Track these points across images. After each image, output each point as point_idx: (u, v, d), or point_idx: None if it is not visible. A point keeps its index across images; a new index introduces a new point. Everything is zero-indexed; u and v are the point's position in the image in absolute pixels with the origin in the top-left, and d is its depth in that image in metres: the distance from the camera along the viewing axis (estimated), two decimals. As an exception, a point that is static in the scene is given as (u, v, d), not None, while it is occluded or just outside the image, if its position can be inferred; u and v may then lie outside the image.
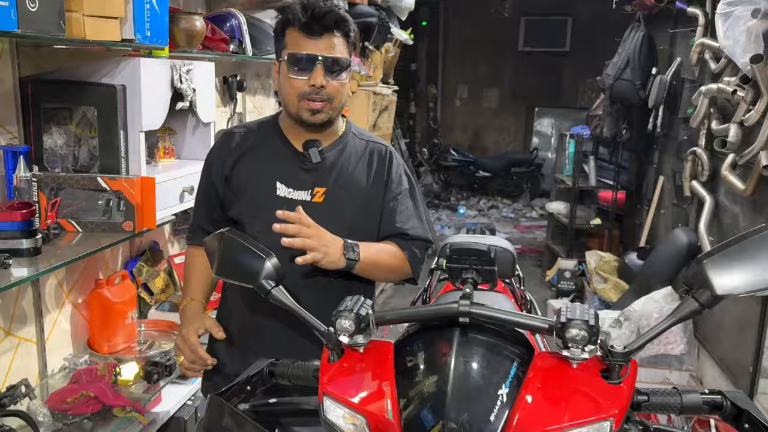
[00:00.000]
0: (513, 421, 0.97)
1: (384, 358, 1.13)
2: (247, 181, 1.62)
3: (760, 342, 2.95)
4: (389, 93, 4.66)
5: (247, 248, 1.30)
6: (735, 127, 3.16)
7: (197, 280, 1.72)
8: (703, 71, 3.67)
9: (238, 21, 2.72)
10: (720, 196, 3.55)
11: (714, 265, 1.03)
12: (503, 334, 1.16)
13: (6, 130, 1.95)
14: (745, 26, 2.96)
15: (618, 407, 0.98)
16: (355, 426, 1.05)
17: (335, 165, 1.62)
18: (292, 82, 1.50)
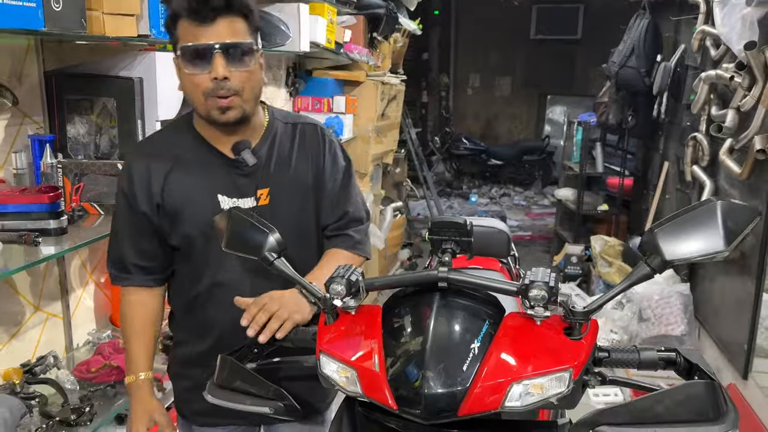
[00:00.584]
0: (483, 371, 1.03)
1: (373, 319, 1.18)
2: (184, 201, 1.45)
3: (754, 323, 3.02)
4: (398, 83, 4.68)
5: (253, 224, 1.30)
6: (732, 112, 3.20)
7: (143, 341, 1.55)
8: (705, 58, 3.68)
9: None
10: (720, 181, 3.58)
11: (664, 234, 1.08)
12: (477, 298, 1.21)
13: (33, 121, 2.01)
14: (740, 14, 3.01)
15: (577, 360, 1.04)
16: (347, 378, 1.11)
17: (271, 160, 1.50)
18: (192, 79, 1.33)
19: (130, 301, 1.56)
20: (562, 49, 8.98)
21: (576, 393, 1.04)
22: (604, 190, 5.68)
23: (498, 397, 1.01)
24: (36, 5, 1.52)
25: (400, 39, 4.74)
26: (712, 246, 1.05)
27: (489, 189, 9.13)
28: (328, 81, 3.99)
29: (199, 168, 1.46)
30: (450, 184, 9.15)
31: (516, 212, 8.08)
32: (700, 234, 1.08)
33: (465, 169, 9.36)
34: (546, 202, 8.41)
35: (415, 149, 6.38)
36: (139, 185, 1.45)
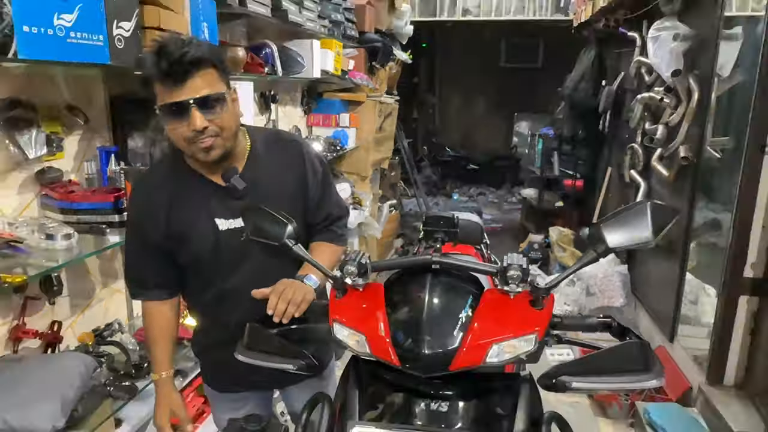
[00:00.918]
0: (469, 335, 1.06)
1: (377, 294, 1.18)
2: (187, 228, 1.39)
3: (679, 297, 3.05)
4: (392, 102, 4.70)
5: (274, 217, 1.26)
6: (662, 127, 3.23)
7: (164, 344, 1.50)
8: (640, 83, 3.69)
9: (271, 49, 2.76)
10: (652, 182, 3.58)
11: (607, 226, 1.12)
12: (463, 278, 1.24)
13: (101, 136, 2.03)
14: (668, 47, 3.04)
15: (540, 325, 1.09)
16: (357, 341, 1.12)
17: (258, 180, 1.40)
18: (176, 132, 1.25)
19: (150, 312, 1.51)
20: (526, 75, 8.95)
21: (539, 351, 1.09)
22: (561, 189, 5.68)
23: (481, 355, 1.05)
24: (104, 44, 1.54)
25: (394, 67, 4.77)
26: (643, 237, 1.10)
27: (468, 189, 9.12)
28: (336, 101, 4.00)
29: (196, 198, 1.38)
30: (436, 185, 9.14)
31: (490, 208, 8.09)
32: (634, 227, 1.11)
33: (448, 172, 9.33)
34: (514, 199, 8.41)
35: (407, 156, 6.38)
36: (146, 217, 1.39)
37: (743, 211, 2.45)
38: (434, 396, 1.11)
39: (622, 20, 4.05)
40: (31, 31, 1.33)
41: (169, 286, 1.50)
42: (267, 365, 1.20)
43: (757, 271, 2.48)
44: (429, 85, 9.87)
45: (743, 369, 2.59)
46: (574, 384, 1.03)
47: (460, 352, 1.05)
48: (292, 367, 1.17)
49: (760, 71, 2.32)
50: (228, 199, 1.38)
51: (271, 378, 1.54)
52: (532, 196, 5.79)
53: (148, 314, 1.51)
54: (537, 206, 5.62)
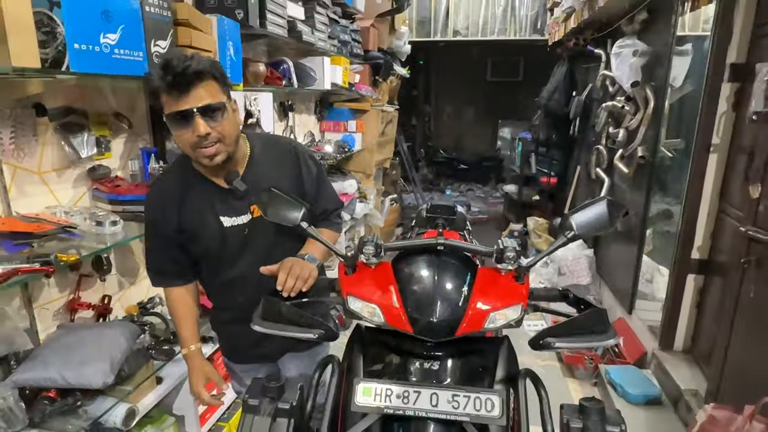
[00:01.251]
0: (470, 306, 1.07)
1: (386, 271, 1.15)
2: (197, 225, 1.35)
3: (636, 276, 3.05)
4: (392, 110, 4.68)
5: (289, 200, 1.22)
6: (623, 131, 3.21)
7: (188, 323, 1.46)
8: (605, 93, 3.67)
9: (288, 65, 2.74)
10: (614, 179, 3.56)
11: (574, 217, 1.16)
12: (460, 257, 1.23)
13: (143, 139, 2.03)
14: (629, 62, 3.02)
15: (524, 297, 1.10)
16: (370, 313, 1.09)
17: (257, 182, 1.34)
18: (181, 138, 1.22)
19: (172, 298, 1.47)
20: (509, 87, 8.89)
21: (522, 318, 1.10)
22: (537, 185, 5.61)
23: (481, 323, 1.06)
24: (143, 59, 1.54)
25: (394, 80, 4.74)
26: (603, 225, 1.14)
27: (459, 185, 9.06)
28: (344, 110, 3.99)
29: (203, 199, 1.34)
30: (432, 182, 9.10)
31: (477, 201, 8.05)
32: (596, 218, 1.15)
33: (442, 171, 9.28)
34: (498, 194, 8.34)
35: (406, 158, 6.36)
36: (161, 215, 1.35)
37: (691, 201, 2.43)
38: (426, 357, 1.11)
39: (589, 39, 4.02)
40: (81, 48, 1.34)
41: (185, 274, 1.46)
42: (288, 335, 1.14)
43: (703, 253, 2.47)
44: (426, 97, 9.79)
45: (690, 336, 2.59)
46: (556, 344, 1.06)
47: (464, 321, 1.05)
48: (313, 336, 1.11)
49: (706, 82, 2.30)
50: (231, 200, 1.35)
51: (274, 350, 1.55)
52: (513, 191, 5.75)
53: (170, 299, 1.48)
54: (517, 200, 5.58)
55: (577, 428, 0.98)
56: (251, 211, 1.36)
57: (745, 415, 1.59)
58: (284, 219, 1.22)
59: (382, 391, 1.01)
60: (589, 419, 0.99)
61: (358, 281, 1.15)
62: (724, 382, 2.01)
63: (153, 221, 1.38)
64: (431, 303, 1.06)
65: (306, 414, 1.12)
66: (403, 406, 0.99)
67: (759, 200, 1.84)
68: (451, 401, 0.99)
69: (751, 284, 1.87)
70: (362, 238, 1.17)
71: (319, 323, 1.11)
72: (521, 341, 1.21)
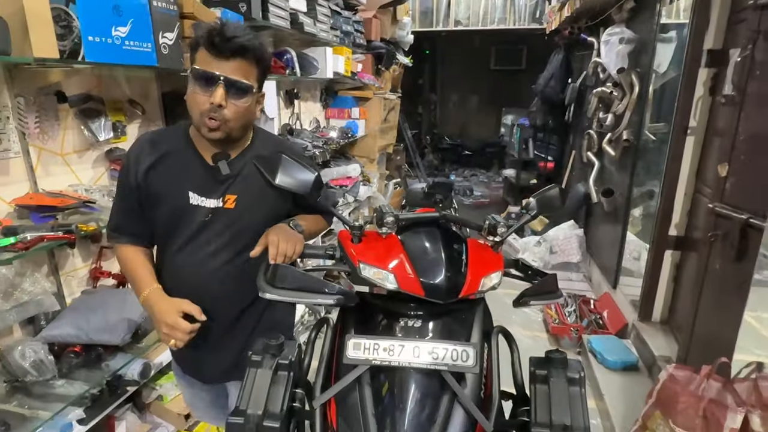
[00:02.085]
0: (469, 272, 1.12)
1: (393, 241, 1.17)
2: (161, 191, 1.19)
3: (621, 253, 3.10)
4: (394, 98, 4.68)
5: (301, 166, 1.16)
6: (611, 115, 3.24)
7: (145, 271, 1.23)
8: (597, 79, 3.68)
9: (291, 55, 2.78)
10: (604, 161, 3.60)
11: (538, 199, 1.28)
12: (453, 230, 1.27)
13: (155, 124, 2.08)
14: (615, 49, 3.04)
15: (502, 264, 1.18)
16: (381, 278, 1.09)
17: (244, 174, 1.21)
18: (195, 97, 1.10)
19: (124, 254, 1.25)
20: (512, 75, 8.81)
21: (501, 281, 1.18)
22: (536, 170, 5.64)
23: (477, 286, 1.11)
24: (151, 50, 1.60)
25: (396, 69, 4.72)
26: (556, 206, 1.28)
27: (463, 171, 9.05)
28: (348, 98, 4.03)
29: (181, 165, 1.19)
30: (437, 168, 9.07)
31: (480, 186, 8.04)
32: (550, 200, 1.29)
33: (447, 157, 9.27)
34: (500, 179, 8.33)
35: (411, 144, 6.41)
36: (131, 167, 1.19)
37: (669, 181, 2.47)
38: (411, 317, 1.14)
39: (583, 27, 4.01)
40: (94, 40, 1.42)
41: (142, 236, 1.27)
42: (303, 301, 1.09)
43: (680, 230, 2.51)
44: (431, 86, 9.74)
45: (668, 308, 2.65)
46: (531, 302, 1.17)
47: (466, 284, 1.10)
48: (331, 300, 1.07)
49: (684, 67, 2.33)
50: (210, 179, 1.19)
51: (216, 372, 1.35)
52: (512, 175, 5.78)
53: (123, 256, 1.26)
54: (515, 183, 5.61)
55: (542, 375, 1.04)
56: (224, 200, 1.20)
57: (702, 374, 1.67)
58: (295, 184, 1.15)
59: (371, 346, 1.04)
60: (553, 367, 1.06)
61: (369, 250, 1.15)
62: (693, 348, 2.08)
63: (124, 172, 1.21)
64: (440, 269, 1.10)
65: (303, 368, 1.16)
66: (388, 358, 1.02)
67: (726, 178, 1.88)
68: (431, 353, 1.02)
69: (717, 257, 1.93)
70: (381, 209, 1.18)
71: (332, 286, 1.09)
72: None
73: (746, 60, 1.77)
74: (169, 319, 1.15)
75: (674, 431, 1.65)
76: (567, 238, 3.84)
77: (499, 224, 1.23)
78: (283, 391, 1.04)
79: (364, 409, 1.00)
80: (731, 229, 1.82)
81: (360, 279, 1.12)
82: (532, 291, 1.18)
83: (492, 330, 1.20)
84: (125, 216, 1.24)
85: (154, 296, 1.19)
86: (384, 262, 1.11)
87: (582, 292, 3.48)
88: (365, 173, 4.23)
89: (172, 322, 1.15)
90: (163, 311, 1.16)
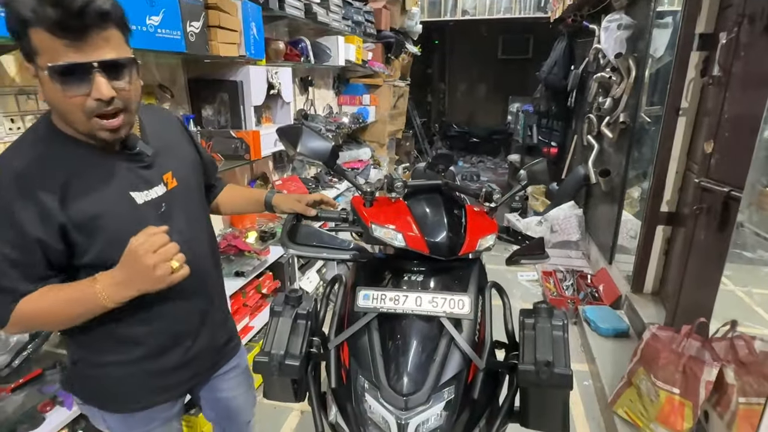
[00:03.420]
0: (468, 233, 1.19)
1: (402, 205, 1.24)
2: (95, 212, 0.85)
3: (617, 230, 3.15)
4: (403, 85, 4.74)
5: (319, 136, 1.19)
6: (610, 99, 3.27)
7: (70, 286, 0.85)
8: (598, 65, 3.68)
9: (305, 43, 2.82)
10: (603, 144, 3.63)
11: (528, 171, 1.39)
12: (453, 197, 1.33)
13: (182, 107, 2.13)
14: (614, 35, 3.07)
15: (497, 227, 1.27)
16: (391, 237, 1.16)
17: (159, 146, 0.97)
18: (69, 100, 0.78)
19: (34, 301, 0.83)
20: (519, 64, 8.75)
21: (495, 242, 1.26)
22: (540, 154, 5.60)
23: (474, 245, 1.19)
24: (180, 38, 1.65)
25: (405, 58, 4.77)
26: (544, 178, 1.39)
27: (470, 157, 9.05)
28: (359, 85, 4.08)
29: (100, 174, 0.88)
30: (445, 155, 9.17)
31: (487, 172, 8.07)
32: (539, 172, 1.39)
33: (455, 144, 9.25)
34: (506, 165, 8.33)
35: (419, 131, 6.45)
36: (23, 212, 0.80)
37: (661, 159, 2.53)
38: (415, 272, 1.20)
39: (586, 15, 4.01)
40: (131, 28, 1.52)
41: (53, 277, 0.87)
42: (324, 257, 1.16)
43: (671, 206, 2.57)
44: (440, 75, 9.71)
45: (659, 280, 2.72)
46: (521, 260, 1.26)
47: (465, 244, 1.18)
48: (348, 255, 1.14)
49: (676, 51, 2.37)
50: (137, 169, 0.93)
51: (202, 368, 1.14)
52: (517, 160, 5.78)
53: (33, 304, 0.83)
54: (520, 168, 5.60)
55: (530, 323, 1.11)
56: (165, 182, 0.98)
57: (682, 334, 1.76)
58: (315, 152, 1.19)
59: (378, 296, 1.11)
60: (540, 316, 1.12)
61: (379, 213, 1.22)
62: (678, 314, 2.16)
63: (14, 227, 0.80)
64: (442, 230, 1.17)
65: (320, 318, 1.23)
66: (394, 306, 1.09)
67: (711, 155, 1.94)
68: (432, 302, 1.09)
69: (701, 229, 2.00)
70: (390, 175, 1.26)
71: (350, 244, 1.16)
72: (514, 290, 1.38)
73: (732, 42, 1.82)
74: (142, 255, 0.79)
75: (656, 384, 1.75)
76: (567, 217, 3.90)
77: (494, 192, 1.33)
78: (301, 337, 1.13)
79: (372, 351, 1.10)
80: (714, 202, 1.89)
81: (372, 238, 1.19)
82: (521, 251, 1.28)
83: (486, 285, 1.26)
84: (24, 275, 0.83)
85: (105, 274, 0.83)
86: (393, 223, 1.18)
87: (580, 268, 3.56)
88: (376, 157, 4.32)
89: (146, 248, 0.80)
90: (128, 261, 0.81)
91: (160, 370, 1.03)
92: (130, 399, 1.02)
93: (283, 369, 1.08)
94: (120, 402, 1.02)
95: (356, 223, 1.29)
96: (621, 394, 1.96)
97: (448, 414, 1.03)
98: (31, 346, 1.40)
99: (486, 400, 1.14)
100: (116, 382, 1.00)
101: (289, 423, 2.14)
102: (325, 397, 1.21)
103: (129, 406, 1.02)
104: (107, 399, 1.02)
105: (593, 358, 2.45)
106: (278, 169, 3.11)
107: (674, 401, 1.69)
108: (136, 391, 1.02)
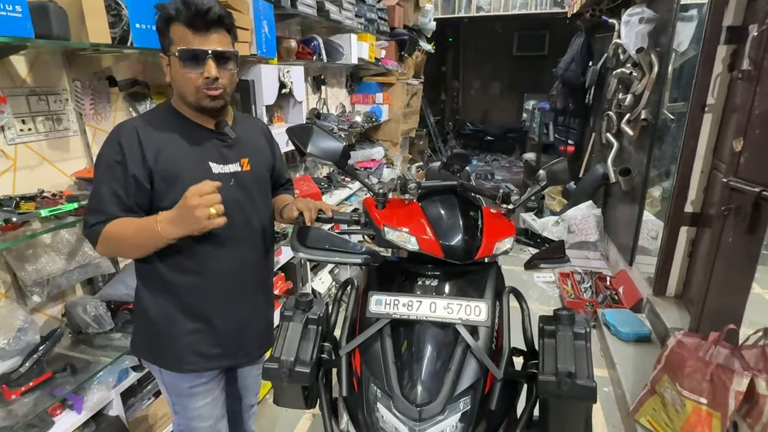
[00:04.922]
0: (485, 236, 1.16)
1: (416, 207, 1.21)
2: (179, 169, 1.09)
3: (637, 231, 3.08)
4: (417, 83, 4.70)
5: (330, 136, 1.19)
6: (630, 96, 3.19)
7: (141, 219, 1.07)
8: (617, 61, 3.59)
9: (318, 42, 2.81)
10: (623, 142, 3.54)
11: (547, 171, 1.32)
12: (469, 198, 1.31)
13: None
14: (635, 29, 2.98)
15: (514, 230, 1.23)
16: (403, 240, 1.13)
17: (244, 138, 1.22)
18: (187, 76, 1.07)
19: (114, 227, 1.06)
20: (535, 61, 8.63)
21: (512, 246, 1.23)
22: (556, 153, 5.53)
23: (491, 249, 1.16)
24: None
25: (419, 55, 4.72)
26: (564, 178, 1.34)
27: (485, 156, 8.98)
28: (372, 84, 4.06)
29: (189, 141, 1.13)
30: (459, 154, 9.09)
31: (501, 170, 7.98)
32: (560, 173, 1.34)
33: (469, 143, 9.19)
34: (521, 164, 8.24)
35: (433, 130, 6.40)
36: (130, 153, 1.06)
37: (686, 158, 2.44)
38: (428, 276, 1.18)
39: (605, 9, 3.91)
40: (141, 27, 1.51)
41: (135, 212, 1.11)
42: (335, 260, 1.14)
43: (696, 207, 2.48)
44: (454, 73, 9.63)
45: (682, 283, 2.63)
46: (541, 265, 1.21)
47: (481, 247, 1.15)
48: (359, 260, 1.12)
49: (702, 44, 2.28)
50: (221, 146, 1.17)
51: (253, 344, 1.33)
52: (532, 159, 5.72)
53: (113, 229, 1.06)
54: (536, 167, 5.54)
55: (550, 330, 1.06)
56: (241, 164, 1.20)
57: (710, 341, 1.68)
58: (325, 152, 1.19)
59: (391, 301, 1.08)
60: (560, 323, 1.07)
61: (392, 215, 1.19)
62: (704, 319, 2.08)
63: (119, 159, 1.07)
64: (458, 233, 1.14)
65: (330, 323, 1.21)
66: (407, 312, 1.06)
67: (740, 153, 1.86)
68: (447, 308, 1.06)
69: (730, 230, 1.91)
70: (404, 176, 1.24)
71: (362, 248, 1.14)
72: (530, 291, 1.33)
73: (763, 34, 1.74)
74: (189, 198, 0.96)
75: (681, 394, 1.68)
76: (585, 217, 3.81)
77: (512, 193, 1.28)
78: (312, 343, 1.10)
79: (385, 358, 1.06)
80: (744, 203, 1.80)
81: (384, 241, 1.16)
82: (541, 255, 1.22)
83: (504, 290, 1.22)
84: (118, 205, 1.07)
85: (164, 213, 1.02)
86: (407, 225, 1.15)
87: (598, 269, 3.47)
88: (389, 156, 4.28)
89: (193, 192, 0.96)
90: (181, 203, 0.98)
91: (208, 339, 1.23)
92: (185, 361, 1.22)
93: (294, 376, 1.06)
94: (174, 361, 1.23)
95: (368, 226, 1.26)
96: (644, 403, 1.89)
97: (464, 426, 0.99)
98: (42, 348, 1.40)
99: (503, 411, 1.10)
100: (171, 344, 1.21)
101: (302, 425, 2.12)
102: (337, 404, 1.18)
103: (182, 367, 1.23)
104: (163, 356, 1.23)
105: (613, 363, 2.38)
106: (290, 168, 3.12)
107: (701, 411, 1.62)
108: (186, 353, 1.22)
